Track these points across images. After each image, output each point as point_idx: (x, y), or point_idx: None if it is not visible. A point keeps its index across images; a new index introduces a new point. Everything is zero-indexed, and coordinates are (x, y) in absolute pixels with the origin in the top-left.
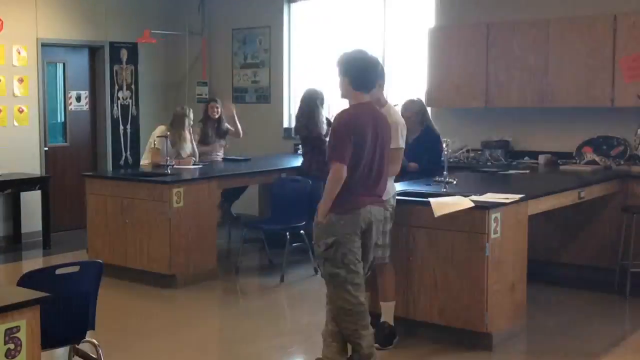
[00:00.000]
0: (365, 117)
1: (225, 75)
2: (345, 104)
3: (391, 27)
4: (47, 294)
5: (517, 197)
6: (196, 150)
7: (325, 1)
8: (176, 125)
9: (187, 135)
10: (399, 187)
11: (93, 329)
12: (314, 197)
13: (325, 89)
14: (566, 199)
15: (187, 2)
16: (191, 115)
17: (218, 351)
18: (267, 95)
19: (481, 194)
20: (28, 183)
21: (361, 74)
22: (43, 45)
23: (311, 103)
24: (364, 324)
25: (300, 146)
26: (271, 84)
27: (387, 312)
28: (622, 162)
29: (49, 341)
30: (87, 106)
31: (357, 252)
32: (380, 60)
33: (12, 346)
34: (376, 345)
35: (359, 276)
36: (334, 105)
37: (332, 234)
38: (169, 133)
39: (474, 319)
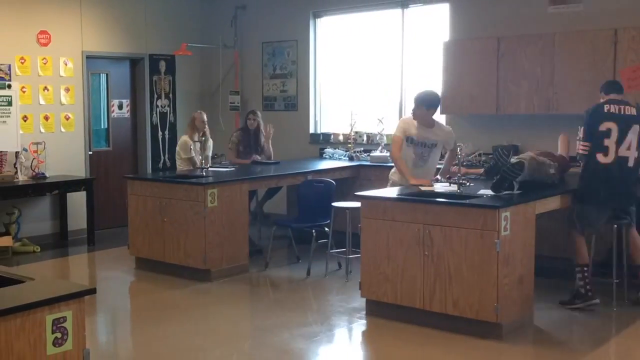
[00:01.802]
0: None
1: (256, 85)
2: None
3: (409, 40)
4: (92, 287)
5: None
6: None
7: (348, 17)
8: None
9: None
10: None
11: None
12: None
13: (348, 97)
14: (570, 199)
15: (221, 18)
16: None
17: (249, 339)
18: (295, 103)
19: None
20: (74, 184)
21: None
22: (88, 57)
23: None
24: None
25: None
26: (298, 93)
27: None
28: None
29: None
30: (128, 113)
31: None
32: (399, 71)
33: (59, 335)
34: None
35: None
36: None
37: None
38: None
39: (485, 310)
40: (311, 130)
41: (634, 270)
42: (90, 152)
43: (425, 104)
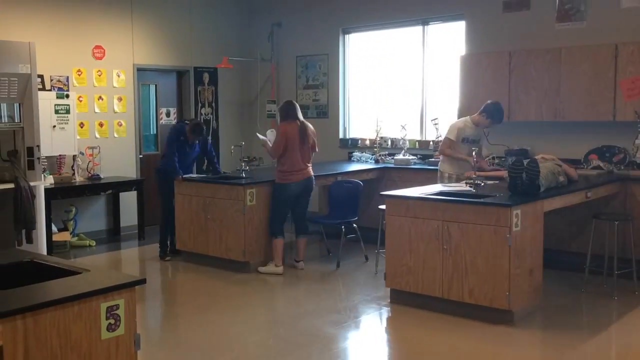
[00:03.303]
0: None
1: (291, 95)
2: None
3: (429, 54)
4: (142, 278)
5: None
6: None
7: (374, 33)
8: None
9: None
10: (441, 187)
11: None
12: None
13: (374, 106)
14: (575, 198)
15: (259, 34)
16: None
17: (283, 324)
18: (326, 111)
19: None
20: (126, 185)
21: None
22: (138, 69)
23: None
24: None
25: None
26: (329, 102)
27: None
28: (622, 167)
29: None
30: (175, 120)
31: None
32: (420, 82)
33: (112, 321)
34: None
35: None
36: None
37: None
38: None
39: (498, 298)
40: (340, 136)
41: None
42: (141, 156)
43: (494, 119)
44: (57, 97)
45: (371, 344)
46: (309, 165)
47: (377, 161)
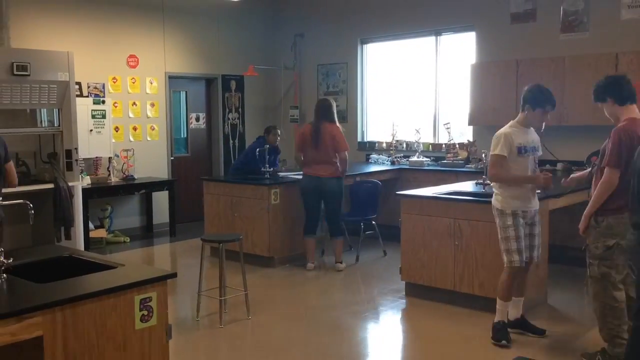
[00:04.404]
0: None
1: (312, 101)
2: None
3: (442, 62)
4: (173, 272)
5: (537, 191)
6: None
7: (390, 43)
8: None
9: None
10: (453, 187)
11: None
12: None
13: (390, 111)
14: (578, 197)
15: (282, 44)
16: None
17: (306, 315)
18: (345, 116)
19: None
20: (158, 185)
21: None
22: (170, 77)
23: None
24: (625, 320)
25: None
26: (348, 107)
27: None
28: None
29: None
30: (204, 125)
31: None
32: (433, 89)
33: (145, 312)
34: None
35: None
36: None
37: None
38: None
39: None
40: (359, 139)
41: None
42: (172, 158)
43: (545, 104)
44: (94, 103)
45: (388, 334)
46: (322, 165)
47: (392, 163)
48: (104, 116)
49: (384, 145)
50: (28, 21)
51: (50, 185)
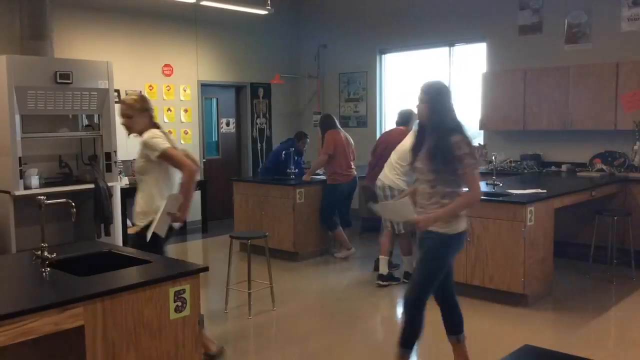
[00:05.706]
0: None
1: (334, 107)
2: None
3: (455, 72)
4: (205, 266)
5: (543, 191)
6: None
7: (407, 53)
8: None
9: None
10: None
11: None
12: None
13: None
14: (582, 196)
15: (306, 54)
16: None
17: (327, 304)
18: (365, 121)
19: (519, 190)
20: None
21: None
22: (202, 85)
23: None
24: None
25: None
26: (367, 114)
27: None
28: (622, 170)
29: None
30: (234, 129)
31: None
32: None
33: (179, 304)
34: None
35: None
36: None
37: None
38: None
39: (514, 283)
40: None
41: None
42: (204, 160)
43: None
44: None
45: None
46: (353, 168)
47: None
48: None
49: None
50: (70, 32)
51: (91, 186)
